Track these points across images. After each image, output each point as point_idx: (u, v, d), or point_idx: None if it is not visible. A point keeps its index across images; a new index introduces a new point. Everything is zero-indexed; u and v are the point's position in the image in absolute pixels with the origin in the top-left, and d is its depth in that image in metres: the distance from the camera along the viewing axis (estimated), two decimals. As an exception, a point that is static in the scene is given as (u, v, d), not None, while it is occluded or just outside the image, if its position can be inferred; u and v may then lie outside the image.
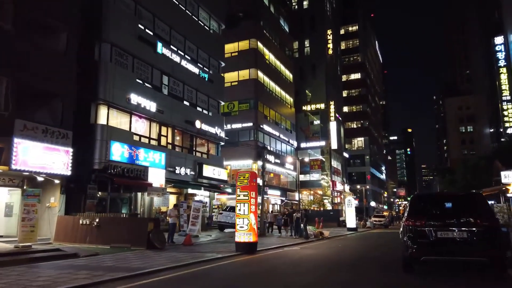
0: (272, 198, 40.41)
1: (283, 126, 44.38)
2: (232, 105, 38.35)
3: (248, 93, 37.78)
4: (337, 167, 53.96)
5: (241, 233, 13.36)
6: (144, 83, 21.98)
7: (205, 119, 27.36)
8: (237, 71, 38.59)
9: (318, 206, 47.78)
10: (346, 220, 33.59)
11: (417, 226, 7.86)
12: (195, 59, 27.20)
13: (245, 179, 13.65)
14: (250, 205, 13.45)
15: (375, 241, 21.48)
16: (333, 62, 56.41)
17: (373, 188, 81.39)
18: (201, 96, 27.66)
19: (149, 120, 22.17)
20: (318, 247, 16.40)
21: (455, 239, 7.62)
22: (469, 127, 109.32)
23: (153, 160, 21.41)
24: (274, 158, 39.74)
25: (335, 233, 28.15)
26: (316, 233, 23.05)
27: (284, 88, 45.48)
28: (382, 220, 43.53)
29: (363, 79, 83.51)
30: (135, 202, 21.15)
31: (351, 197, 33.65)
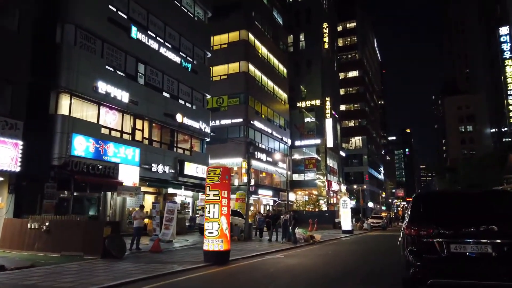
0: (264, 198, 38.31)
1: (276, 123, 42.27)
2: (221, 100, 36.24)
3: (238, 87, 35.67)
4: (333, 167, 51.85)
5: (210, 240, 11.23)
6: (115, 70, 19.85)
7: (188, 112, 25.24)
8: (227, 64, 36.49)
9: (313, 207, 45.66)
10: (341, 222, 31.52)
11: (422, 237, 5.74)
12: (177, 48, 25.08)
13: (216, 175, 11.53)
14: (221, 206, 11.34)
15: (371, 246, 19.38)
16: (329, 57, 54.30)
17: (371, 188, 79.33)
18: (183, 87, 25.54)
19: (121, 112, 20.04)
20: (305, 255, 14.28)
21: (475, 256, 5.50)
22: (469, 127, 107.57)
23: (125, 156, 19.28)
24: (266, 156, 37.64)
25: (328, 236, 26.04)
26: (306, 237, 20.93)
27: (278, 83, 43.37)
28: (380, 221, 41.48)
29: (361, 77, 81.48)
30: (104, 203, 18.99)
31: (347, 197, 31.58)
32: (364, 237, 27.32)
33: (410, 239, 5.91)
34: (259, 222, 20.57)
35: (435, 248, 5.57)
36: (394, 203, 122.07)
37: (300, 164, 47.25)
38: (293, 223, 19.27)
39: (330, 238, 23.87)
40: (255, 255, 13.65)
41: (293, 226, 19.31)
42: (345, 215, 31.10)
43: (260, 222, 20.58)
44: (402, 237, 6.61)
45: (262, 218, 20.48)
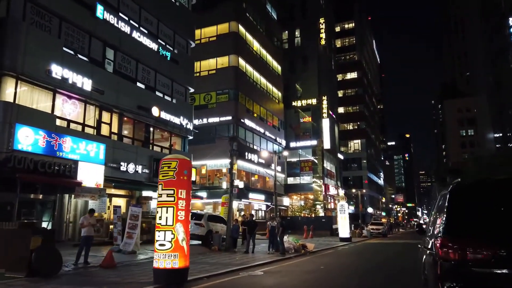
0: (256, 203, 35.58)
1: (269, 123, 39.63)
2: (209, 96, 33.63)
3: (227, 82, 33.09)
4: (330, 170, 49.17)
5: (161, 254, 8.52)
6: (76, 54, 17.22)
7: (167, 106, 22.59)
8: (215, 58, 33.98)
9: (309, 213, 42.93)
10: (339, 228, 28.81)
11: (474, 263, 3.07)
12: (154, 34, 22.49)
13: (171, 170, 8.86)
14: (177, 210, 8.65)
15: (372, 258, 16.66)
16: (326, 54, 51.80)
17: (370, 193, 76.61)
18: (162, 79, 22.92)
19: (83, 102, 17.37)
20: (290, 271, 11.58)
21: None
22: (469, 131, 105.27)
23: (86, 152, 16.58)
24: (258, 157, 34.95)
25: (324, 245, 23.31)
26: (297, 247, 18.21)
27: (271, 81, 40.81)
28: (380, 228, 38.74)
29: (359, 78, 79.10)
30: (60, 207, 16.26)
31: (344, 201, 28.88)
32: (363, 245, 24.60)
33: (449, 266, 3.24)
34: (233, 230, 17.55)
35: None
36: (394, 208, 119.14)
37: (296, 167, 44.61)
38: (280, 230, 16.55)
39: (325, 248, 21.14)
40: (228, 271, 10.93)
41: (280, 234, 16.59)
42: (343, 221, 28.43)
43: (233, 230, 17.55)
44: (427, 258, 3.96)
45: (236, 225, 17.52)
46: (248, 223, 16.67)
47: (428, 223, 5.26)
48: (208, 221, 18.81)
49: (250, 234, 16.12)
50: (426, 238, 4.50)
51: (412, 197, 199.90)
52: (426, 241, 4.26)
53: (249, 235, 16.13)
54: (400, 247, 23.29)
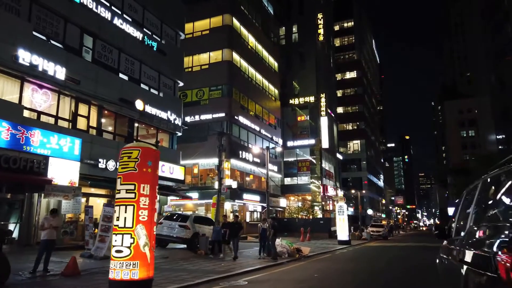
0: (251, 204, 34.06)
1: (265, 121, 38.15)
2: (201, 92, 32.16)
3: (221, 77, 31.63)
4: (329, 170, 47.66)
5: (118, 263, 7.00)
6: (49, 39, 15.74)
7: (153, 100, 21.12)
8: (208, 53, 32.53)
9: (307, 214, 41.42)
10: (337, 231, 27.31)
11: None
12: (139, 22, 21.03)
13: (131, 160, 7.35)
14: (138, 208, 7.14)
15: (372, 263, 15.16)
16: (324, 51, 50.37)
17: (370, 195, 75.14)
18: (148, 70, 21.45)
19: (57, 92, 15.88)
20: (279, 279, 10.08)
21: None
22: (470, 132, 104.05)
23: (59, 147, 15.08)
24: (253, 156, 33.45)
25: (321, 248, 21.81)
26: (291, 251, 16.71)
27: (268, 77, 39.35)
28: (380, 230, 37.25)
29: (359, 78, 77.79)
30: (28, 208, 14.75)
31: (343, 202, 27.40)
32: (363, 249, 23.09)
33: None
34: (214, 233, 15.51)
35: None
36: (394, 210, 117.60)
37: (293, 167, 43.11)
38: (272, 233, 15.04)
39: (322, 251, 19.62)
40: (206, 281, 9.42)
41: (272, 237, 15.08)
42: (341, 223, 26.94)
43: (215, 233, 15.44)
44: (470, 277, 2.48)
45: (218, 228, 15.47)
46: (230, 225, 14.80)
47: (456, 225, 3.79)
48: (195, 223, 17.30)
49: (233, 237, 14.34)
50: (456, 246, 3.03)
51: (412, 199, 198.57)
52: (459, 251, 2.78)
53: (231, 239, 14.34)
54: (402, 251, 21.79)
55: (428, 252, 20.22)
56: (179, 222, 16.98)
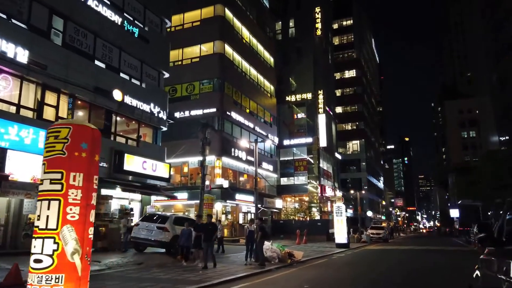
0: (244, 205, 32.34)
1: (260, 118, 36.46)
2: (191, 87, 30.49)
3: (212, 71, 29.96)
4: (327, 170, 45.94)
5: (36, 276, 5.28)
6: (10, 18, 14.03)
7: (134, 91, 19.42)
8: (199, 45, 30.88)
9: (304, 216, 39.72)
10: (335, 233, 25.61)
11: None
12: (119, 6, 19.34)
13: (59, 141, 5.63)
14: (66, 204, 5.40)
15: (371, 270, 13.44)
16: (322, 46, 48.69)
17: (370, 196, 73.38)
18: (128, 59, 19.75)
19: (19, 77, 14.17)
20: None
21: None
22: (471, 132, 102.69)
23: (19, 139, 13.38)
24: (246, 154, 31.76)
25: (316, 252, 20.10)
26: (282, 255, 15.00)
27: (263, 73, 37.69)
28: (380, 232, 35.54)
29: (358, 77, 76.16)
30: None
31: (341, 203, 25.67)
32: (362, 253, 21.37)
33: None
34: (183, 237, 12.97)
35: None
36: (394, 212, 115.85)
37: (289, 166, 41.40)
38: (259, 236, 13.33)
39: (318, 256, 17.90)
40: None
41: (259, 241, 13.37)
42: (339, 225, 25.25)
43: (184, 237, 12.90)
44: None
45: (187, 231, 12.89)
46: (202, 227, 12.43)
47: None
48: (176, 224, 15.56)
49: (206, 241, 12.03)
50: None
51: (412, 201, 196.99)
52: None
53: (205, 243, 12.02)
54: (404, 255, 20.09)
55: (433, 255, 18.56)
56: (158, 224, 15.25)
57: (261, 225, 13.49)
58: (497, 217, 41.15)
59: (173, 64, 31.44)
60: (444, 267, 14.37)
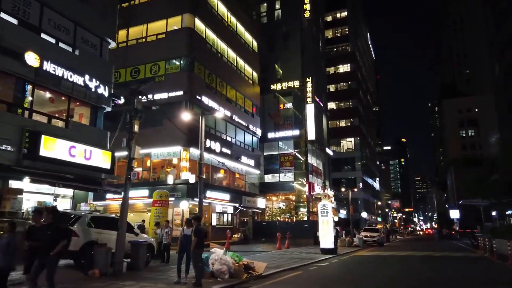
0: (219, 204, 28.21)
1: (240, 107, 32.40)
2: (156, 67, 26.40)
3: (179, 48, 25.92)
4: (317, 167, 41.90)
5: None
6: None
7: (62, 58, 15.33)
8: (165, 19, 26.80)
9: (290, 216, 35.68)
10: (320, 236, 21.62)
11: None
12: None
13: None
14: None
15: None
16: (312, 32, 44.67)
17: (365, 197, 69.43)
18: (56, 18, 15.67)
19: None
20: None
21: None
22: (470, 131, 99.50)
23: None
24: (220, 146, 27.68)
25: (293, 261, 16.04)
26: (236, 269, 10.93)
27: (244, 57, 33.67)
28: (375, 235, 31.61)
29: (353, 71, 72.34)
30: None
31: (327, 200, 21.65)
32: (350, 262, 17.27)
33: None
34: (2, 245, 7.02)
35: None
36: (390, 214, 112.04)
37: (274, 162, 37.38)
38: (194, 243, 9.24)
39: (291, 267, 13.80)
40: None
41: (194, 251, 9.27)
42: (325, 226, 21.27)
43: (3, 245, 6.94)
44: None
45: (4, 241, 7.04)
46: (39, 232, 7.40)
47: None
48: (91, 227, 11.49)
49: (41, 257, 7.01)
50: None
51: (409, 203, 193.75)
52: None
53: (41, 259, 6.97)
54: (403, 265, 16.05)
55: (439, 265, 14.51)
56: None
57: (198, 228, 9.39)
58: (502, 218, 37.25)
59: (136, 42, 27.51)
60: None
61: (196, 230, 9.33)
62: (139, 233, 13.37)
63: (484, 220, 41.82)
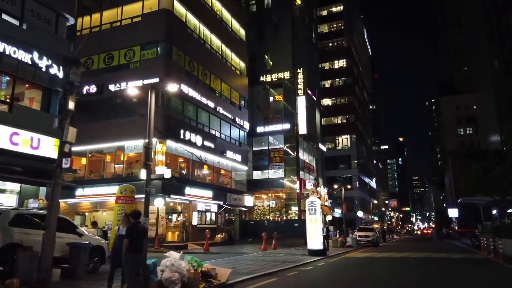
0: (201, 201, 26.07)
1: (225, 98, 30.32)
2: (131, 52, 24.30)
3: (156, 32, 23.85)
4: (309, 163, 39.84)
5: None
6: None
7: (4, 30, 13.23)
8: (142, 1, 24.72)
9: (280, 215, 33.64)
10: (307, 236, 19.62)
11: None
12: None
13: None
14: None
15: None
16: (304, 21, 42.56)
17: (362, 196, 67.46)
18: (-4, -16, 13.56)
19: None
20: None
21: None
22: (468, 129, 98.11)
23: None
24: (202, 139, 25.60)
25: (275, 263, 13.98)
26: (190, 277, 8.83)
27: (230, 45, 31.60)
28: (369, 235, 29.61)
29: (348, 67, 70.35)
30: None
31: (315, 197, 19.61)
32: (338, 266, 15.19)
33: None
34: None
35: None
36: (387, 214, 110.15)
37: (264, 158, 35.33)
38: (126, 245, 7.14)
39: (266, 272, 11.73)
40: None
41: (126, 255, 7.18)
42: (313, 225, 19.32)
43: None
44: None
45: None
46: None
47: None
48: (16, 226, 9.38)
49: None
50: None
51: (406, 202, 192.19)
52: None
53: None
54: (396, 268, 14.03)
55: (442, 271, 12.40)
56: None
57: (130, 226, 7.29)
58: (503, 216, 35.28)
59: (110, 26, 25.37)
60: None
61: (128, 228, 7.25)
62: (84, 234, 11.27)
63: (484, 219, 39.93)
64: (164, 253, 19.60)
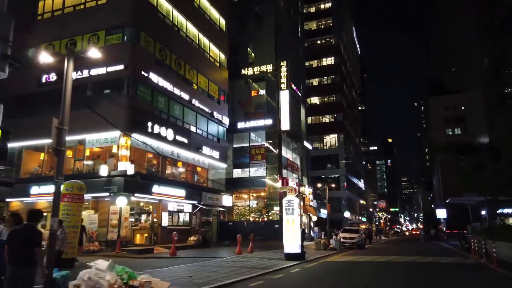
0: (172, 201, 24.06)
1: (201, 90, 28.39)
2: (96, 37, 22.24)
3: (122, 15, 21.86)
4: (293, 161, 38.06)
5: None
6: None
7: None
8: (108, -18, 22.67)
9: (261, 216, 31.81)
10: (284, 239, 17.78)
11: None
12: None
13: None
14: None
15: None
16: (289, 13, 40.88)
17: (349, 196, 66.04)
18: None
19: None
20: None
21: None
22: (456, 129, 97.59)
23: None
24: (174, 133, 23.63)
25: (241, 270, 12.12)
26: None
27: (209, 35, 29.69)
28: (354, 236, 27.92)
29: (337, 64, 68.95)
30: None
31: (293, 196, 17.81)
32: (313, 272, 13.37)
33: None
34: None
35: None
36: (376, 215, 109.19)
37: (244, 155, 33.47)
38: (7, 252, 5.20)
39: (223, 283, 9.86)
40: None
41: (11, 265, 5.22)
42: (290, 226, 17.51)
43: None
44: None
45: None
46: None
47: None
48: None
49: None
50: None
51: (395, 203, 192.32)
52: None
53: None
54: (380, 274, 12.26)
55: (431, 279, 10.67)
56: None
57: (15, 229, 5.37)
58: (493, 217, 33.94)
59: (73, 9, 23.29)
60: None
61: (10, 232, 5.32)
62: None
63: (473, 220, 38.64)
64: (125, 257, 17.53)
